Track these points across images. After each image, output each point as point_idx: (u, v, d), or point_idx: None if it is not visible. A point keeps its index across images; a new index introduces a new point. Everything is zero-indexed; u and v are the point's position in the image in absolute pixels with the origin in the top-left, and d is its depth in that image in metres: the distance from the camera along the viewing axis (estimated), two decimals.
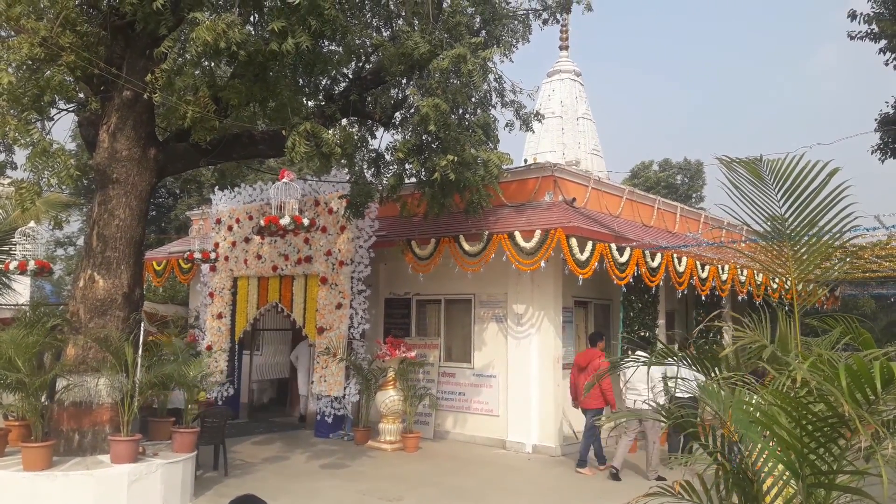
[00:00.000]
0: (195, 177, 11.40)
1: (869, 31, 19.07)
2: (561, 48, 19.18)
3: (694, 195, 33.48)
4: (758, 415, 2.82)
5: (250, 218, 14.36)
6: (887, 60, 20.07)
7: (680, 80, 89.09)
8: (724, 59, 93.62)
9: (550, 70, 19.06)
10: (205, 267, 14.91)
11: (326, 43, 8.55)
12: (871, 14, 18.81)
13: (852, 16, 18.86)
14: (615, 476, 9.97)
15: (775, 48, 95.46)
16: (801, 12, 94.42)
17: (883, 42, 19.32)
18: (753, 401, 3.05)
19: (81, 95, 9.32)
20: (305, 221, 7.72)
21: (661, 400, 9.32)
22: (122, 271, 8.54)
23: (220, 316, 14.64)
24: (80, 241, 27.35)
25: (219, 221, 14.98)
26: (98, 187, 8.57)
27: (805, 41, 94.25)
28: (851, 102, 79.48)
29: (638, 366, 3.58)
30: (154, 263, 16.86)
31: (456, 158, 8.88)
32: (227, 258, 14.57)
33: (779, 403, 2.80)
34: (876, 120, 20.26)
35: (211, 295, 14.85)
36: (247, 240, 14.36)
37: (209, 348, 14.38)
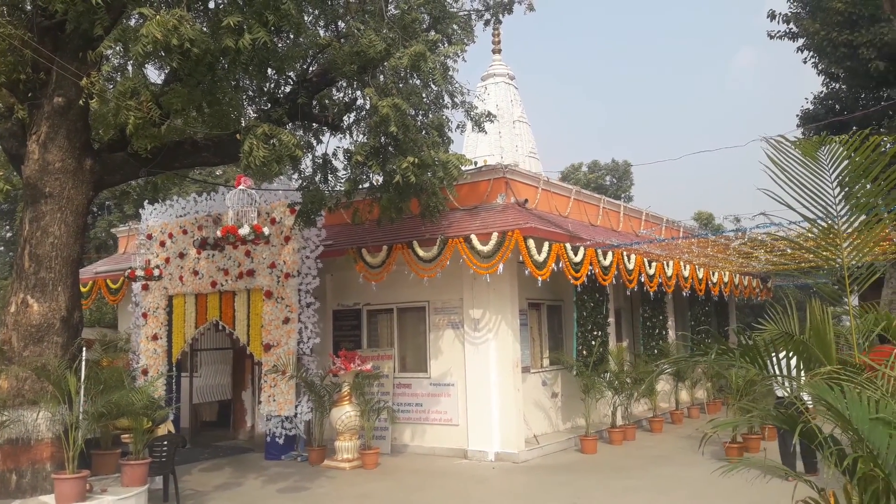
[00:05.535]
0: (132, 190, 10.63)
1: (787, 30, 19.77)
2: (494, 52, 19.11)
3: (623, 195, 34.07)
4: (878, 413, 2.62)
5: (184, 232, 13.59)
6: (805, 58, 20.83)
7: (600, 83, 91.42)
8: (646, 64, 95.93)
9: (484, 74, 18.95)
10: (136, 286, 14.03)
11: (281, 40, 8.07)
12: (790, 14, 19.48)
13: (771, 16, 19.53)
14: None
15: (696, 52, 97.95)
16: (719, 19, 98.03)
17: (801, 41, 20.04)
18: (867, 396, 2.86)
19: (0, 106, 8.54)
20: (266, 231, 7.22)
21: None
22: (59, 293, 7.84)
23: (155, 337, 13.79)
24: None
25: (150, 237, 14.13)
26: (28, 202, 7.81)
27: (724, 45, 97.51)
28: (769, 103, 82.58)
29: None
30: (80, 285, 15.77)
31: (416, 160, 8.54)
32: (160, 275, 13.73)
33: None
34: (798, 116, 21.01)
35: (144, 315, 13.98)
36: (181, 255, 13.60)
37: (145, 372, 13.52)
